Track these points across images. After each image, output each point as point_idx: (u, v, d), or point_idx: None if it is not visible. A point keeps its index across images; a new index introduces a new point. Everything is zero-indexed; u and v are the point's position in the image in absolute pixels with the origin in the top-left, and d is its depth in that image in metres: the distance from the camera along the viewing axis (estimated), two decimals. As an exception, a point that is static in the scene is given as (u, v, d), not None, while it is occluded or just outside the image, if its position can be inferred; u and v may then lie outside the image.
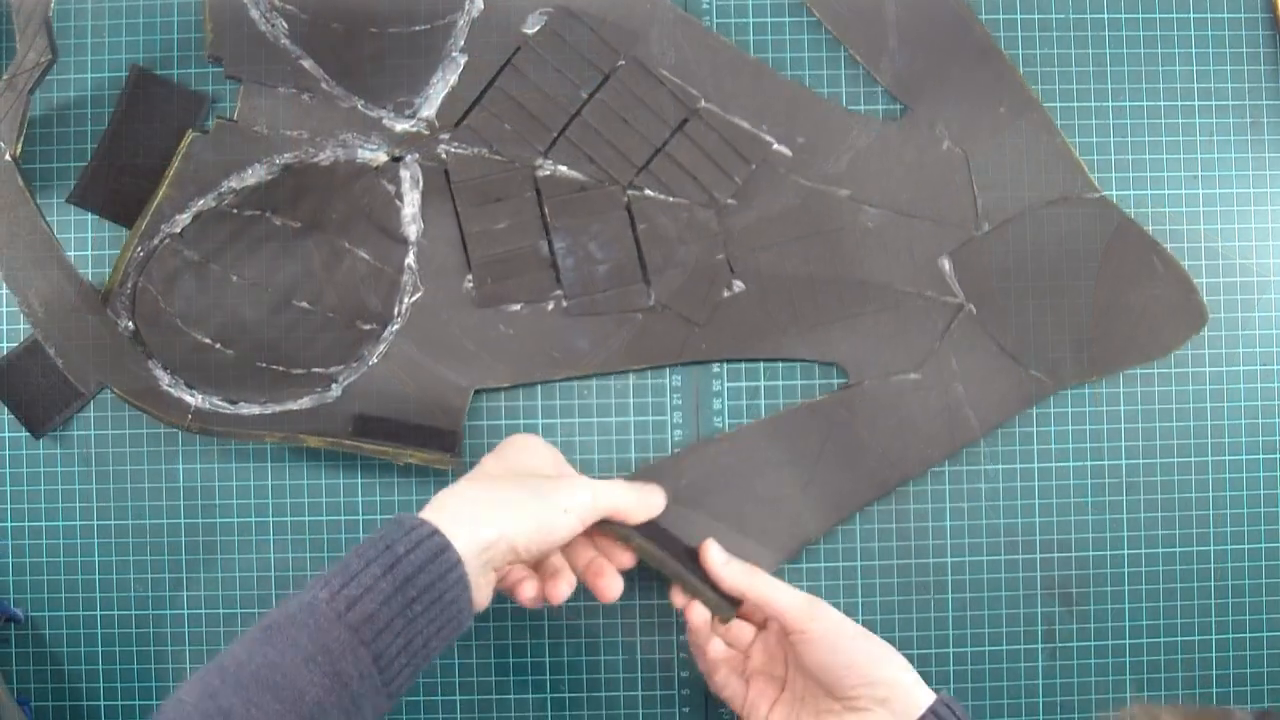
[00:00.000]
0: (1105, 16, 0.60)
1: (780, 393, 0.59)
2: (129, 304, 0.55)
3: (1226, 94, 0.60)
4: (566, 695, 0.59)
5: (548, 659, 0.59)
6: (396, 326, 0.57)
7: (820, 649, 0.51)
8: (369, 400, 0.57)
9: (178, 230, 0.56)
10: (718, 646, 0.54)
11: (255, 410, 0.55)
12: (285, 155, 0.57)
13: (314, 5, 0.56)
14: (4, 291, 0.58)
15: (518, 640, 0.59)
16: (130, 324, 0.55)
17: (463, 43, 0.57)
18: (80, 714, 0.59)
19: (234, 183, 0.56)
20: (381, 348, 0.57)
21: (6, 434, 0.59)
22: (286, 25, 0.56)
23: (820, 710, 0.52)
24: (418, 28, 0.57)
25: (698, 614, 0.54)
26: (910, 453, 0.58)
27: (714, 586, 0.54)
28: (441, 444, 0.56)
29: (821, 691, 0.52)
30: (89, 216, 0.58)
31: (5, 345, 0.59)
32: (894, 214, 0.58)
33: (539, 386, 0.59)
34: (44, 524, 0.59)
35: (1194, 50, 0.60)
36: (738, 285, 0.58)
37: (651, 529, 0.55)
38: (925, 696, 0.51)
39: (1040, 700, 0.59)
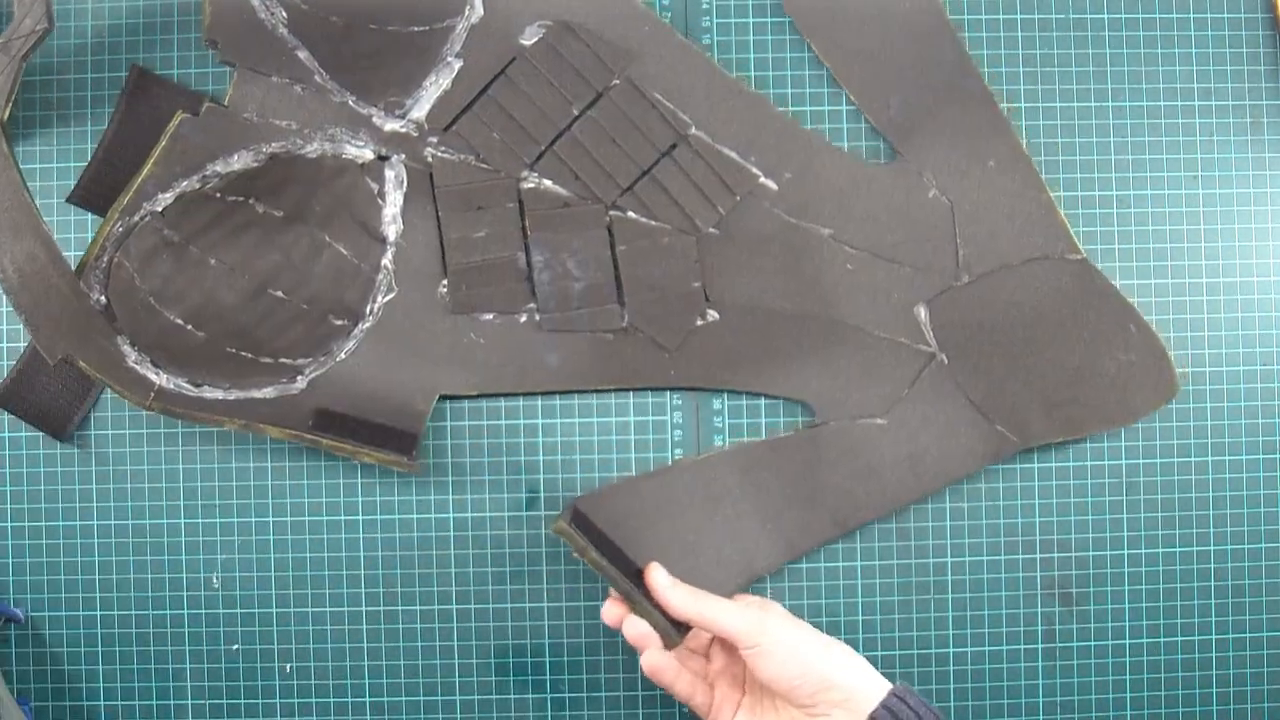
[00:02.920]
0: (1105, 17, 0.60)
1: (781, 403, 0.59)
2: (103, 278, 0.55)
3: (1226, 94, 0.60)
4: (566, 695, 0.59)
5: (548, 659, 0.59)
6: (368, 325, 0.57)
7: (771, 663, 0.51)
8: (333, 395, 0.56)
9: (159, 209, 0.55)
10: (652, 658, 0.54)
11: (218, 395, 0.55)
12: (273, 144, 0.56)
13: None
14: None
15: (518, 640, 0.59)
16: (103, 298, 0.55)
17: (459, 48, 0.57)
18: (80, 714, 0.59)
19: (219, 167, 0.56)
20: (351, 344, 0.57)
21: (6, 434, 0.59)
22: (286, 15, 0.56)
23: (781, 714, 0.52)
24: (416, 28, 0.57)
25: (629, 629, 0.54)
26: (872, 497, 0.57)
27: (662, 609, 0.54)
28: (400, 445, 0.56)
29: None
30: (88, 216, 0.58)
31: (6, 364, 0.59)
32: (874, 257, 0.58)
33: (539, 395, 0.59)
34: (44, 524, 0.59)
35: (1194, 50, 0.60)
36: (711, 314, 0.58)
37: (607, 546, 0.55)
38: (879, 690, 0.51)
39: (1040, 700, 0.59)
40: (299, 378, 0.56)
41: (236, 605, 0.59)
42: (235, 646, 0.59)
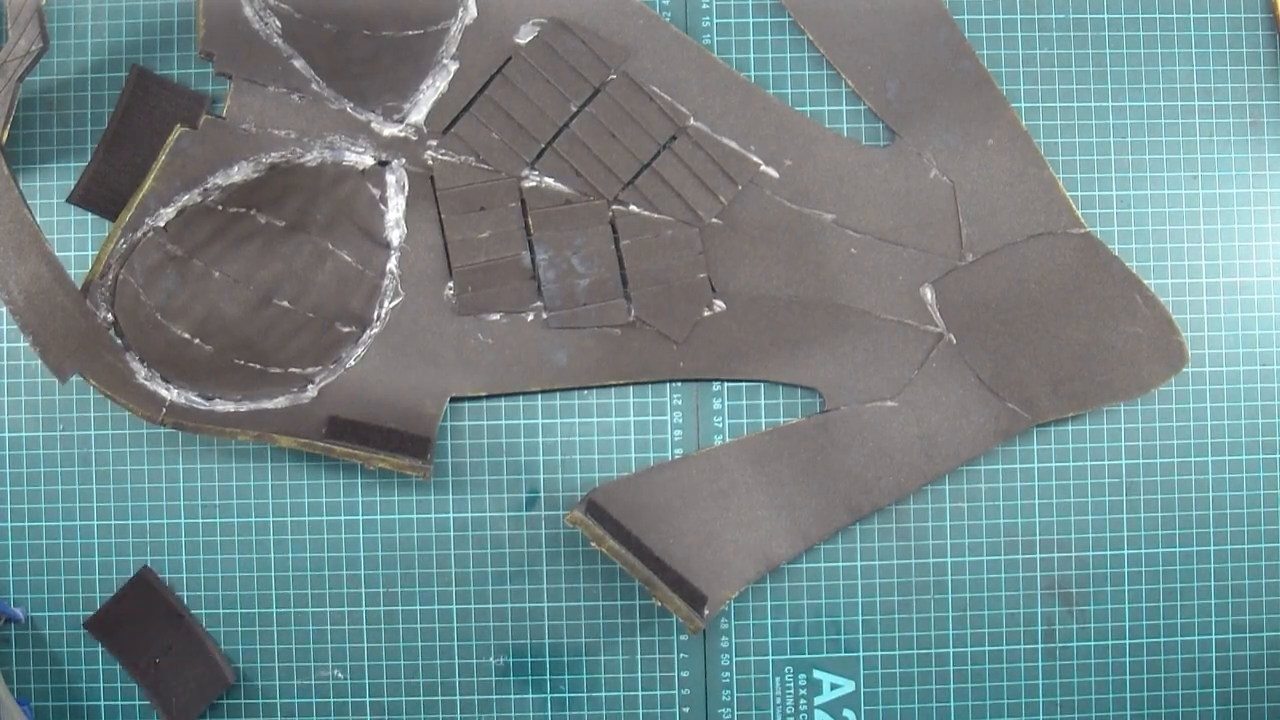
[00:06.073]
0: (1104, 17, 0.60)
1: (781, 400, 0.59)
2: (109, 295, 0.55)
3: (1226, 94, 0.60)
4: (566, 695, 0.59)
5: (548, 659, 0.59)
6: (375, 330, 0.57)
7: None
8: (344, 403, 0.56)
9: (161, 224, 0.55)
10: None
11: (230, 407, 0.55)
12: (272, 154, 0.56)
13: (308, 5, 0.56)
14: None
15: (518, 640, 0.59)
16: (109, 315, 0.55)
17: (454, 50, 0.57)
18: (80, 714, 0.59)
19: (220, 180, 0.56)
20: (359, 351, 0.57)
21: (6, 434, 0.59)
22: (280, 24, 0.56)
23: None
24: (410, 32, 0.57)
25: None
26: (884, 480, 0.57)
27: (682, 595, 0.55)
28: (414, 450, 0.56)
29: None
30: (88, 216, 0.58)
31: (6, 344, 0.59)
32: (878, 240, 0.58)
33: (538, 395, 0.59)
34: (44, 524, 0.59)
35: (1194, 50, 0.60)
36: (718, 305, 0.58)
37: (624, 536, 0.55)
38: None
39: (1040, 700, 0.59)
40: (309, 386, 0.56)
41: (237, 605, 0.59)
42: (235, 646, 0.59)
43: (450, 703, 0.59)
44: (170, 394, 0.55)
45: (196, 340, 0.56)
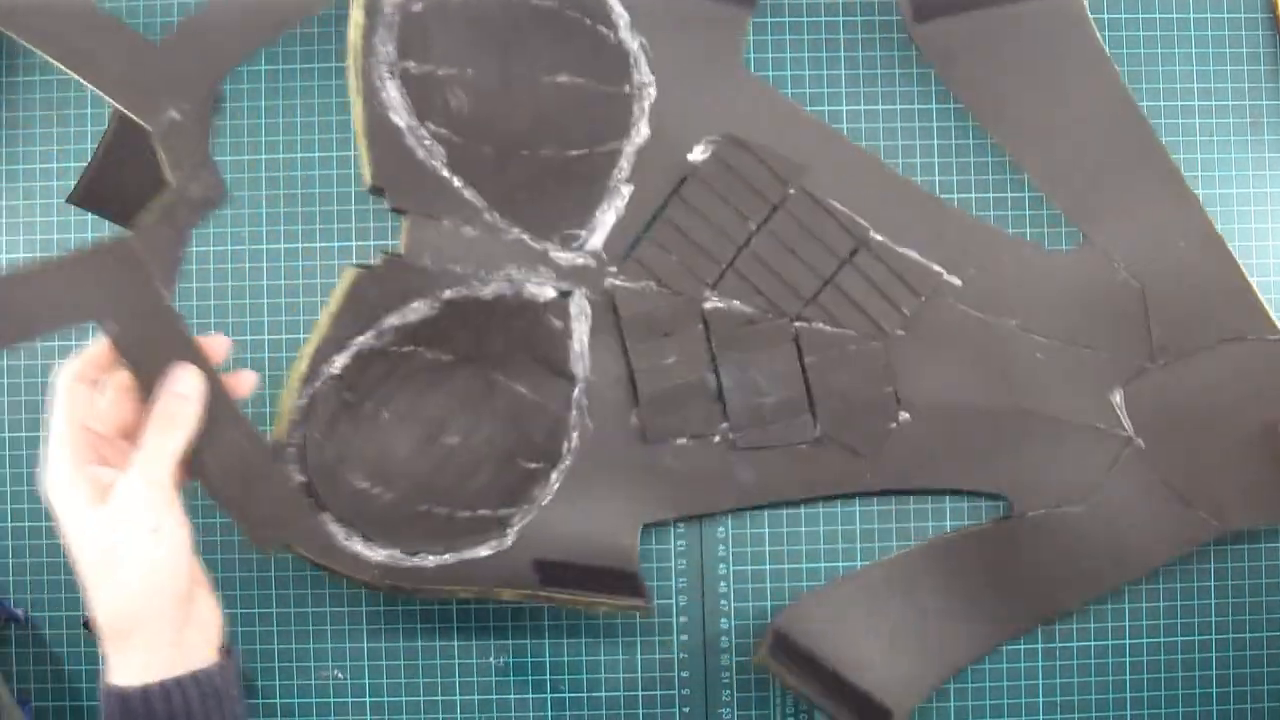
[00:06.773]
0: (1104, 17, 0.60)
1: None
2: (299, 456, 0.53)
3: (1226, 94, 0.60)
4: (566, 695, 0.59)
5: (548, 659, 0.59)
6: (566, 465, 0.56)
7: None
8: (544, 544, 0.55)
9: (337, 371, 0.54)
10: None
11: (434, 561, 0.54)
12: (449, 290, 0.55)
13: (467, 128, 0.55)
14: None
15: (518, 640, 0.59)
16: (301, 477, 0.53)
17: (628, 172, 0.56)
18: (80, 714, 0.58)
19: (395, 320, 0.54)
20: (553, 488, 0.56)
21: (6, 434, 0.59)
22: (445, 153, 0.55)
23: None
24: (573, 153, 0.55)
25: None
26: (1071, 587, 0.57)
27: (866, 715, 0.55)
28: (626, 588, 0.55)
29: None
30: (89, 217, 0.58)
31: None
32: (1065, 344, 0.57)
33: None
34: (44, 524, 0.58)
35: (1194, 50, 0.60)
36: (904, 416, 0.57)
37: (811, 663, 0.56)
38: None
39: (1040, 700, 0.59)
40: (508, 531, 0.55)
41: (236, 605, 0.59)
42: (235, 647, 0.59)
43: (450, 703, 0.59)
44: (375, 554, 0.53)
45: (376, 489, 0.55)
